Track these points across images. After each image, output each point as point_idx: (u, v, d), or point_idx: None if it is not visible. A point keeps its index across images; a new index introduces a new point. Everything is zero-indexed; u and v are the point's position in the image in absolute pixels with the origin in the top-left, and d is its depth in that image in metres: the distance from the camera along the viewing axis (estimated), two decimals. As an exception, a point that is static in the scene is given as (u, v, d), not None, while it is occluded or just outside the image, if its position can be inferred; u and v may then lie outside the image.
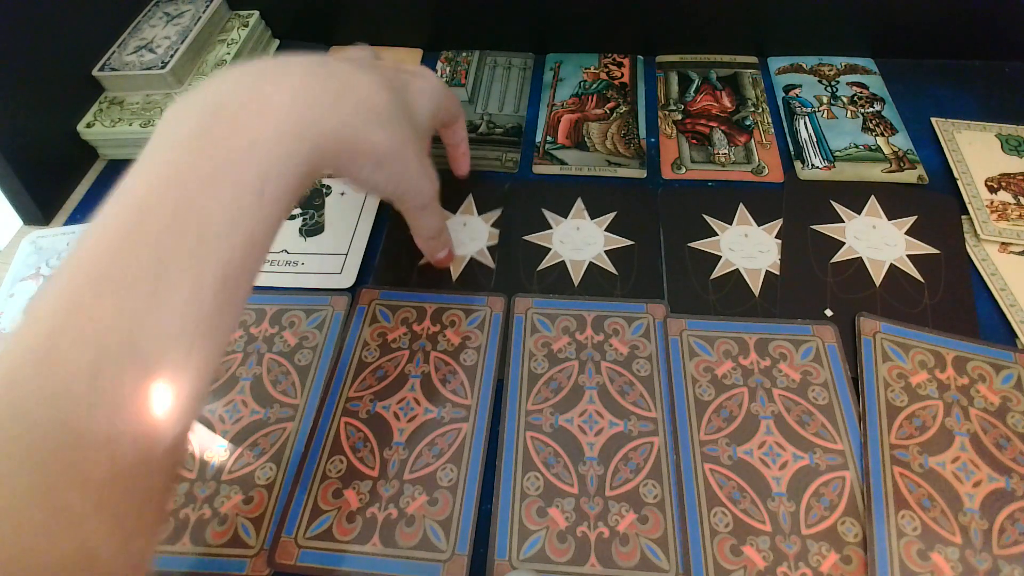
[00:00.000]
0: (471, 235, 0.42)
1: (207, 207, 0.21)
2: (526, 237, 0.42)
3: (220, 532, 0.31)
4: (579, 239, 0.42)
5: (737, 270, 0.39)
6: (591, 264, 0.41)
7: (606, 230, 0.42)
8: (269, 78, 0.25)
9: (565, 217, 0.43)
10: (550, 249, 0.42)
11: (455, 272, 0.41)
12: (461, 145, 0.41)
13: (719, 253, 0.40)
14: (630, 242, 0.41)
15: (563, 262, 0.41)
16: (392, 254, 0.42)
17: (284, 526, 0.31)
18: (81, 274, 0.20)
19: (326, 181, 0.46)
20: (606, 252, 0.41)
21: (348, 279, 0.40)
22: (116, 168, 0.49)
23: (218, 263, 0.21)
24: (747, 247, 0.41)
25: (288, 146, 0.24)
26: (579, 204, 0.44)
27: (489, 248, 0.42)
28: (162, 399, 0.20)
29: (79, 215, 0.46)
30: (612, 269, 0.40)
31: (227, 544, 0.31)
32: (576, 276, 0.40)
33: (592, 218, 0.43)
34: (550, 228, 0.43)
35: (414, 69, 0.34)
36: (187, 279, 0.20)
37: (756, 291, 0.39)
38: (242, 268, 0.22)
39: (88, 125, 0.47)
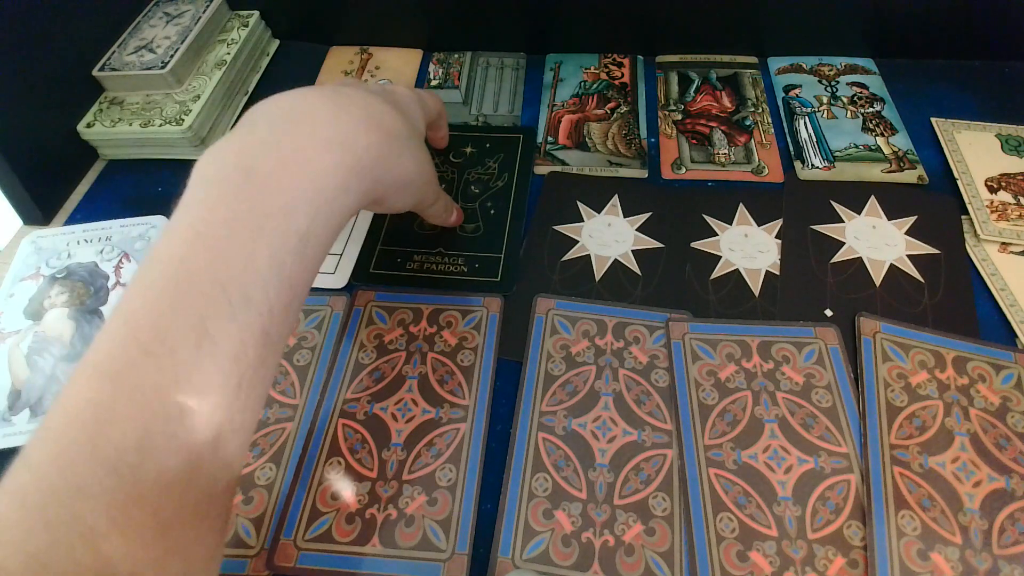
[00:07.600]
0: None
1: (247, 267, 0.22)
2: (556, 227, 0.42)
3: (220, 533, 0.31)
4: (608, 235, 0.42)
5: (737, 270, 0.39)
6: (616, 261, 0.40)
7: (637, 230, 0.42)
8: (298, 127, 0.25)
9: (598, 212, 0.43)
10: (577, 241, 0.41)
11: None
12: (442, 129, 0.43)
13: (719, 253, 0.40)
14: (660, 245, 0.41)
15: (588, 256, 0.41)
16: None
17: (283, 528, 0.31)
18: (122, 339, 0.20)
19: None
20: (633, 252, 0.41)
21: (341, 279, 0.40)
22: (116, 168, 0.49)
23: (259, 317, 0.21)
24: (747, 247, 0.40)
25: (331, 200, 0.24)
26: (614, 200, 0.43)
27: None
28: (208, 451, 0.20)
29: (79, 215, 0.46)
30: (636, 270, 0.40)
31: (227, 544, 0.31)
32: (599, 272, 0.40)
33: (625, 216, 0.43)
34: (581, 221, 0.43)
35: (388, 86, 0.34)
36: (229, 337, 0.21)
37: (756, 291, 0.38)
38: (283, 318, 0.23)
39: (88, 125, 0.47)
